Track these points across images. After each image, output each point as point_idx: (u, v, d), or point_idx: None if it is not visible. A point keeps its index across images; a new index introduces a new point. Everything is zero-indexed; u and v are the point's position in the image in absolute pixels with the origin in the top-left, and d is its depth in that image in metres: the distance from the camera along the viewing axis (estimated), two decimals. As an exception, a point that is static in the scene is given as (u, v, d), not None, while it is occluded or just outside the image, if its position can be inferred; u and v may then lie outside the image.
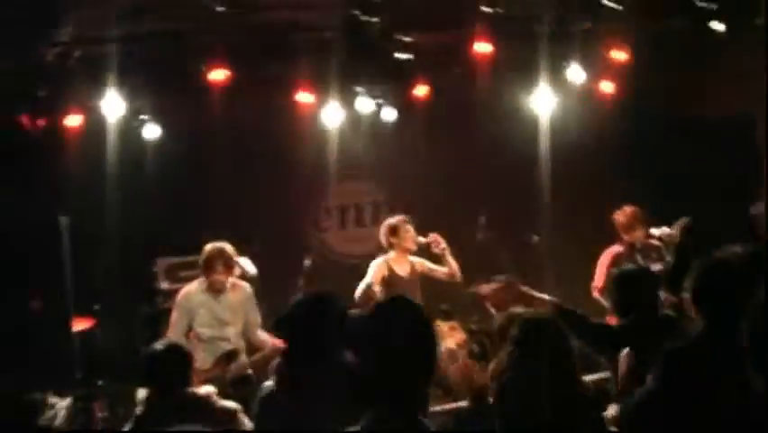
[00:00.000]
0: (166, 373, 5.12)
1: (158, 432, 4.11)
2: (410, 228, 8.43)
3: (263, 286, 7.76)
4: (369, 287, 8.04)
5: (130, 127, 8.87)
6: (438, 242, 8.38)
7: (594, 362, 6.25)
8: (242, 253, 7.84)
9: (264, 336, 7.68)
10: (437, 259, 8.58)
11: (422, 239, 8.41)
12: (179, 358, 5.19)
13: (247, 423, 5.22)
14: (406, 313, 2.87)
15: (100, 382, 8.61)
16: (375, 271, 8.25)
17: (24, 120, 8.39)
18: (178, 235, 9.11)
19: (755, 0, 8.59)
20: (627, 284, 5.87)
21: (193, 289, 7.49)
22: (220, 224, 9.92)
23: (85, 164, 8.78)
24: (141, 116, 8.99)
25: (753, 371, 2.44)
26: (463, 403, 5.06)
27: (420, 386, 2.86)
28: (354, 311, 4.72)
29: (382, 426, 2.76)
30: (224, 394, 5.68)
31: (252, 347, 7.53)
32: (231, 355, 7.22)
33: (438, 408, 6.75)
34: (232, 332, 7.42)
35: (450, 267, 8.44)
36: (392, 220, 8.52)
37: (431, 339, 2.88)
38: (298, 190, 10.82)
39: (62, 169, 8.83)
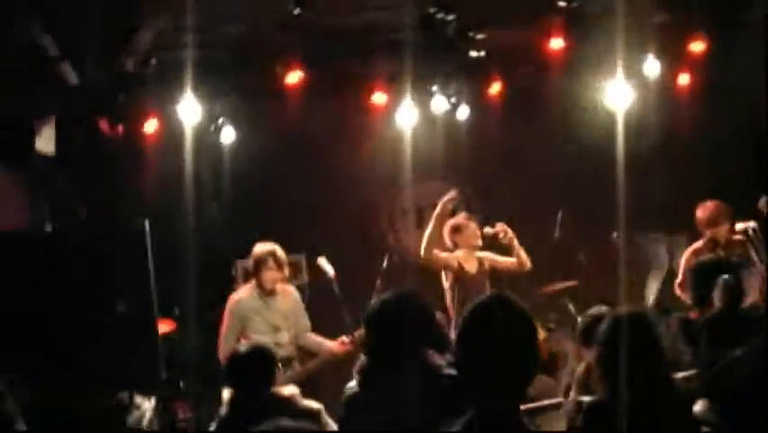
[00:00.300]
0: (250, 373, 5.17)
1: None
2: (472, 224, 8.28)
3: (341, 287, 7.76)
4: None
5: (207, 132, 8.96)
6: (506, 231, 8.23)
7: (680, 359, 6.12)
8: (320, 253, 7.88)
9: (317, 339, 7.73)
10: (506, 251, 8.45)
11: (489, 229, 8.27)
12: (264, 359, 5.24)
13: (330, 423, 5.24)
14: (508, 311, 2.80)
15: (182, 384, 8.74)
16: (446, 256, 8.14)
17: (104, 126, 8.54)
18: (253, 238, 9.17)
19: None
20: (703, 275, 5.74)
21: (244, 295, 7.50)
22: (298, 225, 10.03)
23: (163, 169, 8.89)
24: (219, 120, 9.06)
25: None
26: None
27: (522, 385, 2.79)
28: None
29: (484, 425, 2.72)
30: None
31: (305, 353, 7.52)
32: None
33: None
34: (285, 338, 7.43)
35: (519, 257, 8.23)
36: (453, 220, 8.33)
37: (534, 339, 2.83)
38: (375, 191, 10.84)
39: (142, 173, 8.97)
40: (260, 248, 7.48)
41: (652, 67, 9.30)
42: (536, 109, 10.25)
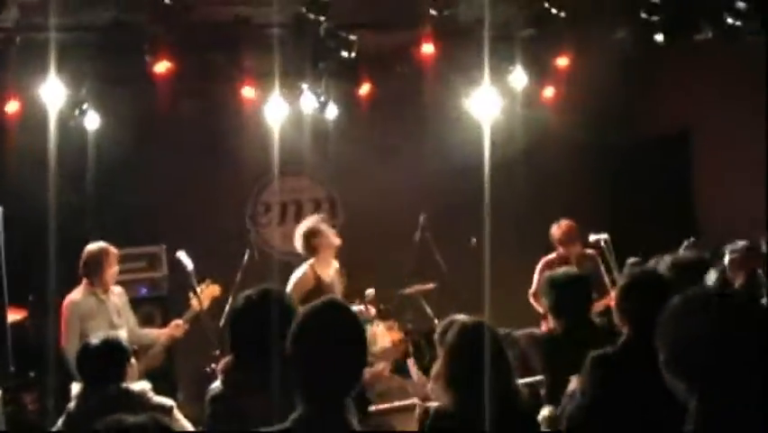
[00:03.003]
0: (100, 367, 5.08)
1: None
2: (327, 227, 8.21)
3: (200, 280, 7.72)
4: None
5: (71, 116, 8.75)
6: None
7: (528, 366, 6.30)
8: (178, 247, 7.80)
9: (148, 331, 7.84)
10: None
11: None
12: (115, 352, 5.15)
13: (182, 420, 5.20)
14: (339, 314, 2.93)
15: (32, 374, 8.52)
16: (298, 279, 7.95)
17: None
18: (115, 227, 9.00)
19: (696, 16, 8.78)
20: (558, 287, 5.95)
21: (78, 296, 7.31)
22: (160, 216, 9.91)
23: (22, 152, 8.65)
24: (83, 106, 8.86)
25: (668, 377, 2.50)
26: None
27: (350, 387, 2.92)
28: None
29: (309, 424, 2.81)
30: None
31: (142, 347, 7.46)
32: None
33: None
34: (123, 335, 7.33)
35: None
36: (308, 223, 8.21)
37: (361, 343, 2.96)
38: (239, 185, 10.81)
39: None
40: (96, 246, 7.35)
41: (519, 78, 9.54)
42: (404, 113, 10.39)
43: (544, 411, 5.37)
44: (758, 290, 5.78)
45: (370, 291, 8.67)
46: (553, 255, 8.69)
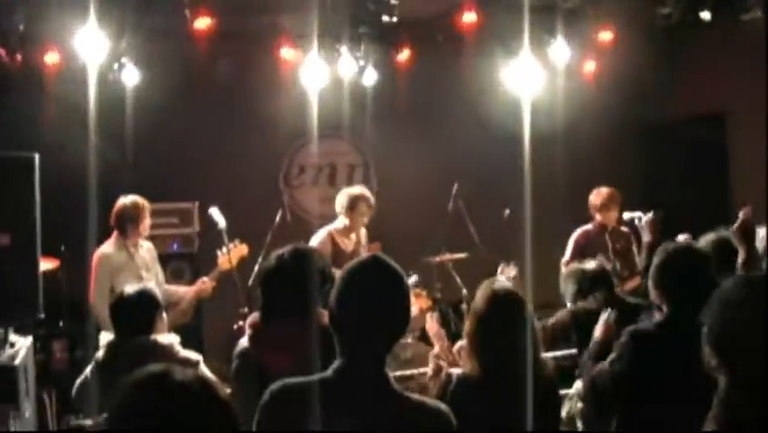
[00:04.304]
0: (132, 317, 5.11)
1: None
2: (367, 206, 8.12)
3: (231, 239, 7.73)
4: None
5: (109, 69, 8.76)
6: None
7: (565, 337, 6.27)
8: (211, 205, 7.82)
9: (175, 288, 7.82)
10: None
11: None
12: (148, 304, 5.18)
13: (209, 375, 5.22)
14: (383, 271, 2.92)
15: (61, 324, 8.60)
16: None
17: (1, 53, 8.27)
18: (149, 182, 9.02)
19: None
20: (587, 282, 5.98)
21: (109, 249, 7.32)
22: (195, 172, 9.94)
23: (61, 104, 8.68)
24: (122, 59, 8.86)
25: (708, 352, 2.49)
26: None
27: (390, 343, 2.94)
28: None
29: (348, 376, 2.80)
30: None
31: (169, 303, 7.48)
32: None
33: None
34: (156, 290, 7.36)
35: None
36: (354, 191, 8.22)
37: (404, 299, 2.95)
38: (275, 146, 10.81)
39: (38, 106, 8.75)
40: (129, 200, 7.36)
41: (560, 51, 9.45)
42: (444, 81, 10.32)
43: (577, 385, 5.37)
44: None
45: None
46: (589, 226, 8.62)
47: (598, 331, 4.89)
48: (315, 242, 7.98)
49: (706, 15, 8.55)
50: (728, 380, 2.40)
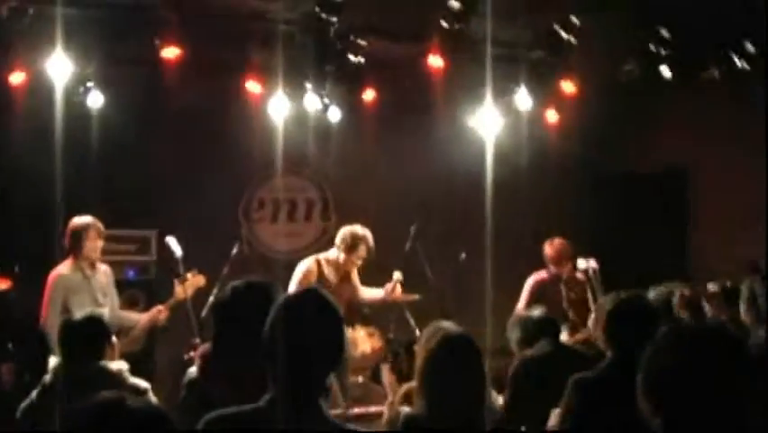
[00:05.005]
0: (80, 343, 5.10)
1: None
2: (366, 251, 8.25)
3: (188, 269, 7.73)
4: None
5: (75, 93, 8.75)
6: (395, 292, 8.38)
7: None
8: (170, 234, 7.82)
9: (129, 313, 7.87)
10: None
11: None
12: (96, 330, 5.17)
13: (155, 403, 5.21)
14: (316, 303, 2.96)
15: (10, 346, 8.51)
16: (303, 275, 8.08)
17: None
18: (108, 207, 9.00)
19: (705, 55, 8.84)
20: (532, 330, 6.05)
21: (65, 270, 7.30)
22: (154, 200, 9.92)
23: (24, 123, 8.65)
24: (87, 84, 8.86)
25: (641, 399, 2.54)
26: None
27: (321, 374, 2.97)
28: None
29: (281, 406, 2.84)
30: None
31: (122, 329, 7.45)
32: None
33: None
34: (106, 313, 7.33)
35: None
36: (359, 232, 8.30)
37: (338, 335, 2.99)
38: (237, 177, 10.82)
39: (1, 124, 8.73)
40: (80, 220, 7.35)
41: (523, 99, 9.59)
42: (407, 123, 10.40)
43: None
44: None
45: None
46: (544, 273, 8.72)
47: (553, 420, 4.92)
48: (302, 268, 8.09)
49: (666, 72, 8.72)
50: (663, 425, 2.46)
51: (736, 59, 8.54)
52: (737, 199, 9.75)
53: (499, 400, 5.63)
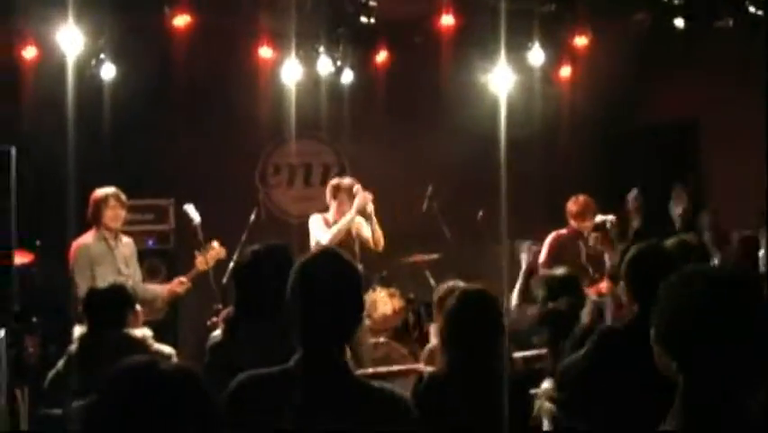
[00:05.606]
0: (105, 311, 5.16)
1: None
2: (348, 194, 8.14)
3: (206, 236, 7.77)
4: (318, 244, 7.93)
5: (87, 65, 8.76)
6: (366, 202, 8.20)
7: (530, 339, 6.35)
8: (187, 202, 7.85)
9: (152, 286, 7.84)
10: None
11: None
12: (120, 299, 5.24)
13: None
14: (335, 262, 2.98)
15: (34, 319, 8.59)
16: (318, 225, 8.10)
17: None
18: (126, 178, 9.03)
19: (718, 3, 8.77)
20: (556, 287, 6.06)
21: (89, 240, 7.31)
22: (171, 169, 9.95)
23: (38, 98, 8.68)
24: (100, 55, 8.87)
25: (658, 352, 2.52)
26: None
27: (346, 332, 2.97)
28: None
29: (307, 366, 2.86)
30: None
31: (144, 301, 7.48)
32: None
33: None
34: (129, 284, 7.35)
35: (374, 233, 8.19)
36: (333, 182, 8.34)
37: (357, 292, 2.99)
38: (252, 144, 10.84)
39: (16, 99, 8.75)
40: (101, 190, 7.36)
41: (536, 55, 9.54)
42: (420, 82, 10.38)
43: (545, 384, 5.44)
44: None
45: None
46: (565, 230, 8.69)
47: (586, 318, 4.96)
48: (315, 218, 8.10)
49: (679, 22, 8.65)
50: (684, 377, 2.43)
51: (751, 6, 8.44)
52: (750, 151, 9.69)
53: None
